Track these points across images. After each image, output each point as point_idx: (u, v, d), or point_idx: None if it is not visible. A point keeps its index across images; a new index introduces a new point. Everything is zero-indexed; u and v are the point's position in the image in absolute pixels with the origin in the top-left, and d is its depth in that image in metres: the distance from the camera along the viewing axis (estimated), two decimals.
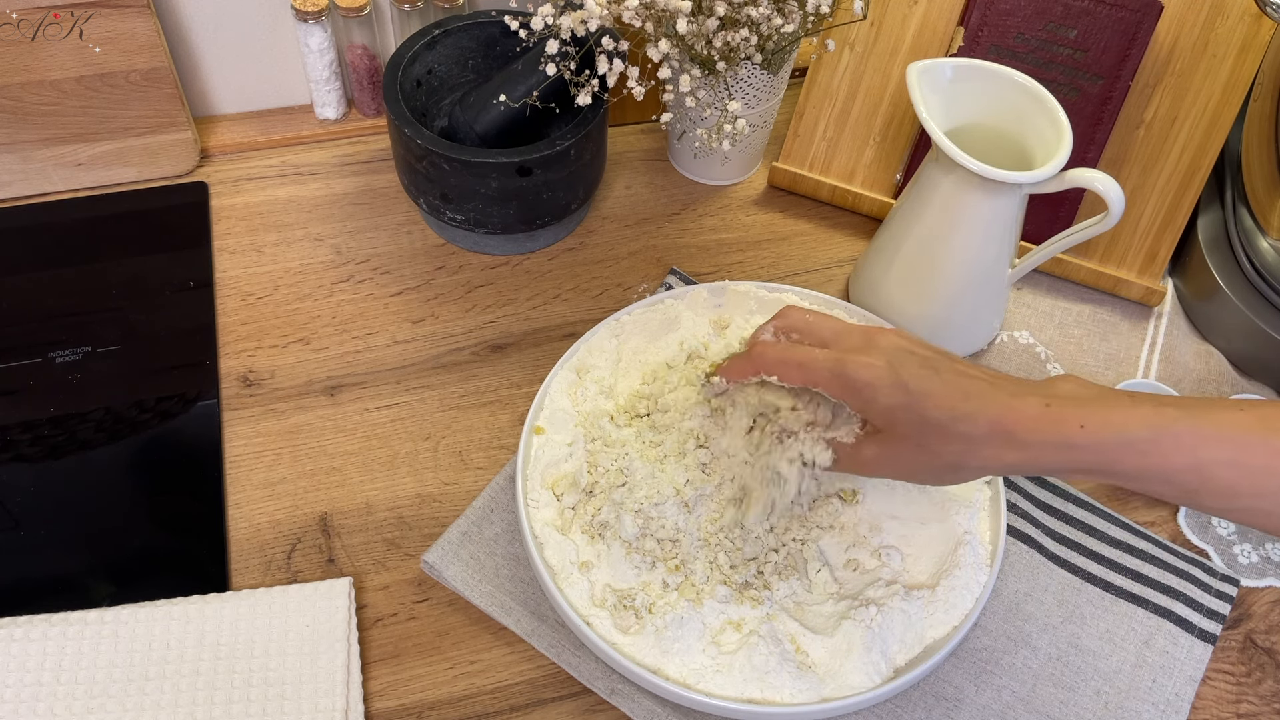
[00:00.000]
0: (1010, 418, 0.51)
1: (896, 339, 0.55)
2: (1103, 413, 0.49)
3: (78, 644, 0.59)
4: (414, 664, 0.61)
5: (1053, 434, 0.50)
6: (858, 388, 0.54)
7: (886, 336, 0.55)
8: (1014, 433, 0.50)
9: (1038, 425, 0.50)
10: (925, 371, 0.53)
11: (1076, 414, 0.50)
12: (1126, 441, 0.48)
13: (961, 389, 0.52)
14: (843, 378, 0.54)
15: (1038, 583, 0.65)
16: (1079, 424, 0.49)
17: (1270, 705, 0.62)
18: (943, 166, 0.67)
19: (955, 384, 0.52)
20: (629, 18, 0.68)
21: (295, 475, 0.68)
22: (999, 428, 0.51)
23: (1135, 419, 0.49)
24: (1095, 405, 0.50)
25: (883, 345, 0.54)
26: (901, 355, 0.54)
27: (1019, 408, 0.51)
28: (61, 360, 0.73)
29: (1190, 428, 0.48)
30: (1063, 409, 0.50)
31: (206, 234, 0.80)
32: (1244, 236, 0.76)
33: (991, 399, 0.51)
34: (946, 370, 0.53)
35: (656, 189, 0.87)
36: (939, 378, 0.53)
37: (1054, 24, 0.76)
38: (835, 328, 0.58)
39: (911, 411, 0.52)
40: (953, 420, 0.51)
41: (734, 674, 0.58)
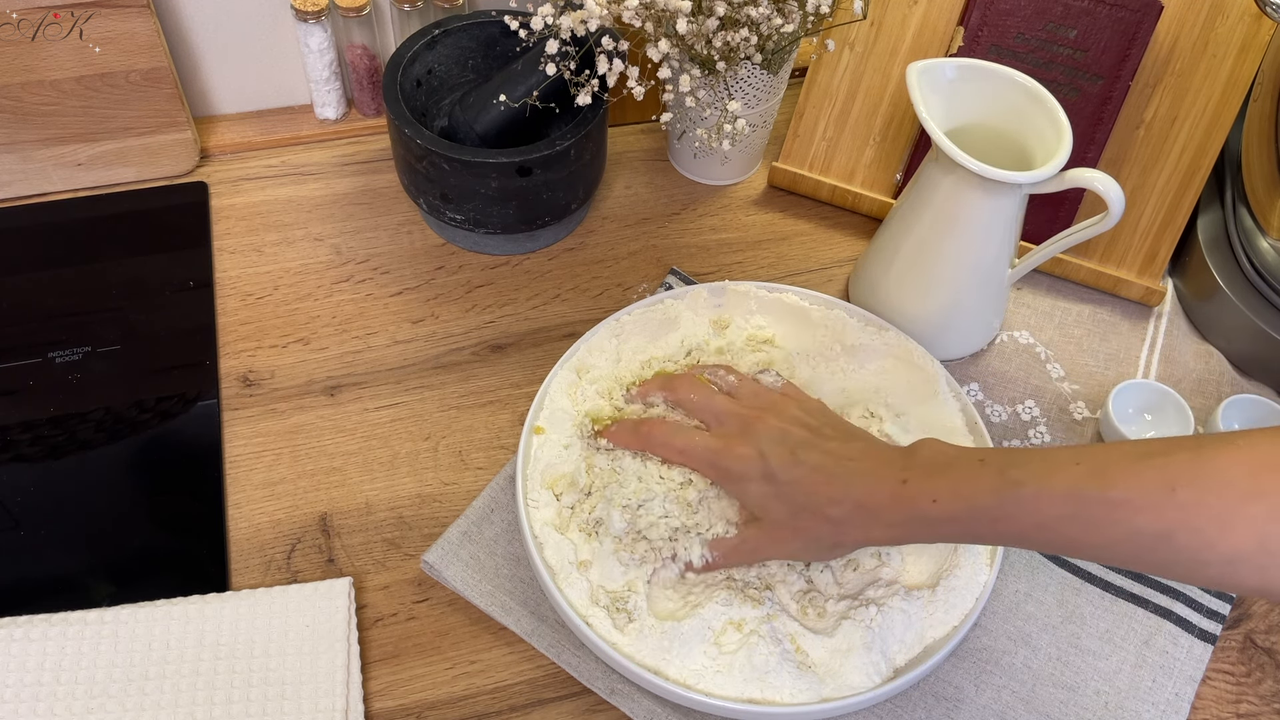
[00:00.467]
0: (870, 500, 0.55)
1: (774, 421, 0.60)
2: (952, 485, 0.52)
3: (78, 644, 0.59)
4: (414, 664, 0.61)
5: (910, 511, 0.53)
6: (732, 478, 0.60)
7: (764, 420, 0.60)
8: (876, 513, 0.55)
9: (895, 504, 0.54)
10: (792, 459, 0.58)
11: (929, 489, 0.53)
12: (976, 511, 0.51)
13: (825, 473, 0.56)
14: (718, 469, 0.60)
15: (1038, 583, 0.65)
16: (931, 499, 0.52)
17: (1270, 705, 0.62)
18: (943, 166, 0.67)
19: (820, 469, 0.57)
20: (629, 18, 0.68)
21: (295, 475, 0.68)
22: (861, 510, 0.55)
23: (982, 488, 0.51)
24: (946, 477, 0.53)
25: (758, 432, 0.60)
26: (774, 444, 0.59)
27: (876, 489, 0.55)
28: (61, 360, 0.73)
29: (1033, 490, 0.50)
30: (917, 485, 0.53)
31: (206, 234, 0.80)
32: (1244, 236, 0.76)
33: (852, 482, 0.56)
34: (814, 453, 0.58)
35: (656, 189, 0.87)
36: (804, 466, 0.57)
37: (1054, 24, 0.76)
38: (720, 410, 0.63)
39: (781, 500, 0.58)
40: (818, 505, 0.56)
41: (734, 674, 0.58)
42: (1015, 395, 0.75)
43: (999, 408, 0.74)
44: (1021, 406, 0.74)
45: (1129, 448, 0.49)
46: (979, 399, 0.75)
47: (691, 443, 0.61)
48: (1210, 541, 0.45)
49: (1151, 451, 0.48)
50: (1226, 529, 0.45)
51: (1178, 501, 0.46)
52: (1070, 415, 0.74)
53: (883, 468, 0.56)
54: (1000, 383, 0.76)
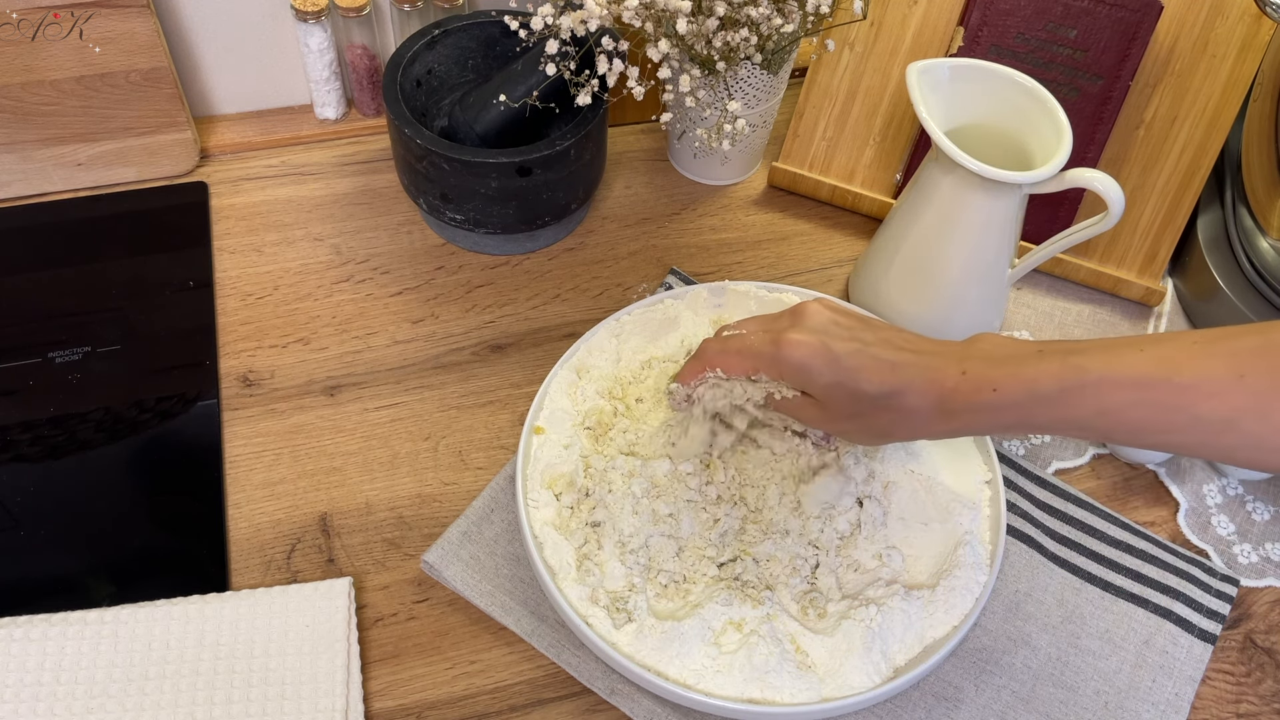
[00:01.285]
0: (933, 389, 0.54)
1: (822, 311, 0.59)
2: (1012, 372, 0.52)
3: (78, 644, 0.59)
4: (414, 664, 0.61)
5: (971, 400, 0.53)
6: (795, 366, 0.57)
7: (812, 310, 0.59)
8: (937, 403, 0.54)
9: (956, 393, 0.53)
10: (854, 345, 0.56)
11: (990, 377, 0.53)
12: (1037, 397, 0.51)
13: (888, 363, 0.55)
14: (779, 359, 0.57)
15: (1038, 583, 0.65)
16: (992, 387, 0.52)
17: (1270, 705, 0.62)
18: (943, 166, 0.67)
19: (884, 358, 0.56)
20: (629, 18, 0.68)
21: (295, 475, 0.68)
22: (925, 399, 0.54)
23: (1044, 375, 0.51)
24: (1007, 365, 0.53)
25: (811, 322, 0.58)
26: (832, 329, 0.57)
27: (939, 379, 0.54)
28: (61, 360, 0.73)
29: (1095, 377, 0.50)
30: (978, 373, 0.53)
31: (206, 234, 0.80)
32: (1244, 236, 0.76)
33: (916, 370, 0.55)
34: (874, 344, 0.56)
35: (656, 189, 0.87)
36: (867, 352, 0.56)
37: (1054, 24, 0.76)
38: (765, 317, 0.61)
39: (845, 388, 0.56)
40: (885, 394, 0.55)
41: (734, 674, 0.58)
42: None
43: None
44: None
45: (1195, 335, 0.49)
46: None
47: (747, 342, 0.59)
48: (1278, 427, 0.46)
49: (1218, 337, 0.48)
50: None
51: (1246, 387, 0.46)
52: None
53: (941, 358, 0.55)
54: None
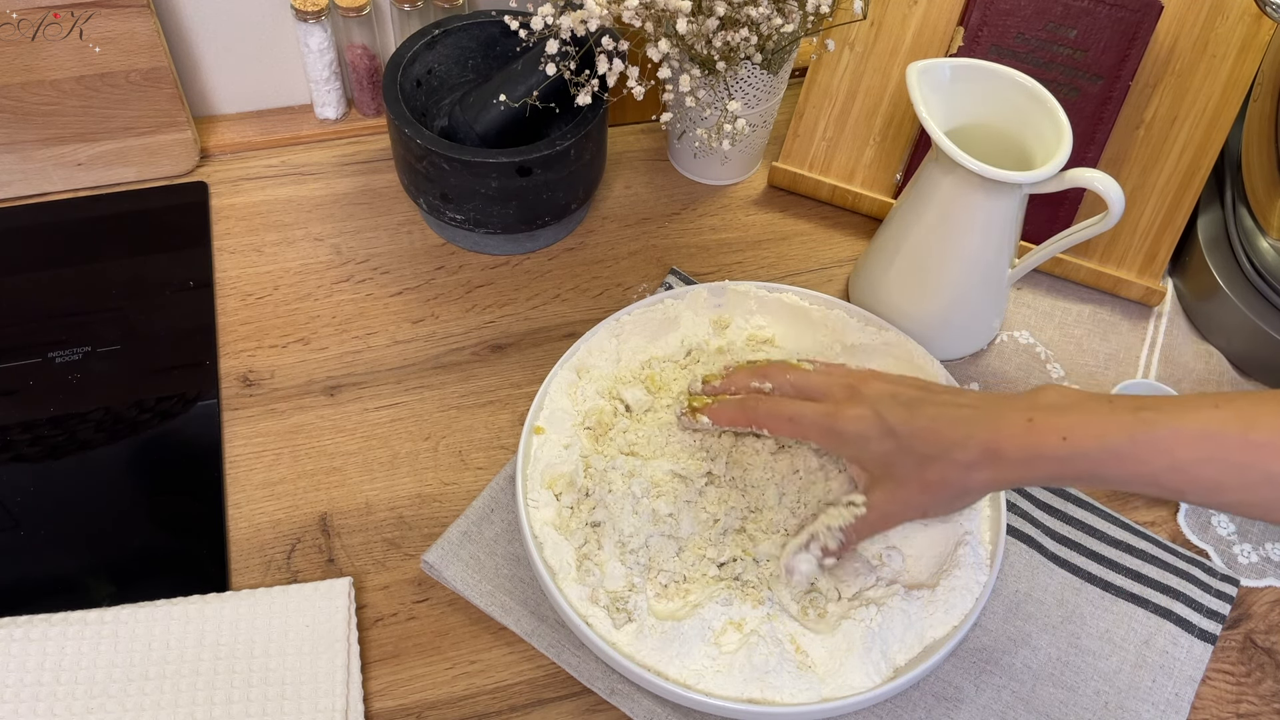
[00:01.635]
0: (997, 439, 0.53)
1: (880, 384, 0.58)
2: (1082, 423, 0.51)
3: (78, 644, 0.59)
4: (414, 664, 0.61)
5: (1038, 449, 0.52)
6: (849, 439, 0.57)
7: (870, 384, 0.59)
8: (1003, 452, 0.53)
9: (1024, 442, 0.52)
10: (909, 413, 0.56)
11: (1058, 426, 0.51)
12: (1108, 449, 0.50)
13: (947, 419, 0.55)
14: (833, 432, 0.58)
15: (1038, 583, 0.65)
16: (1061, 436, 0.51)
17: (1270, 705, 0.62)
18: (943, 166, 0.67)
19: (940, 416, 0.55)
20: (629, 18, 0.68)
21: (295, 475, 0.68)
22: (989, 450, 0.53)
23: (1114, 426, 0.50)
24: (1075, 415, 0.51)
25: (868, 394, 0.58)
26: (885, 401, 0.57)
27: (1004, 428, 0.53)
28: (61, 360, 0.73)
29: (1169, 431, 0.49)
30: (1045, 422, 0.52)
31: (206, 234, 0.80)
32: (1244, 236, 0.76)
33: (977, 423, 0.54)
34: (929, 406, 0.56)
35: (656, 189, 0.87)
36: (924, 415, 0.55)
37: (1054, 24, 0.76)
38: (822, 383, 0.61)
39: (904, 454, 0.56)
40: (944, 451, 0.54)
41: (734, 674, 0.58)
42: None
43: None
44: None
45: (1273, 394, 0.48)
46: None
47: (801, 410, 0.59)
48: None
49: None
50: None
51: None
52: None
53: (1006, 409, 0.54)
54: (1000, 383, 0.76)
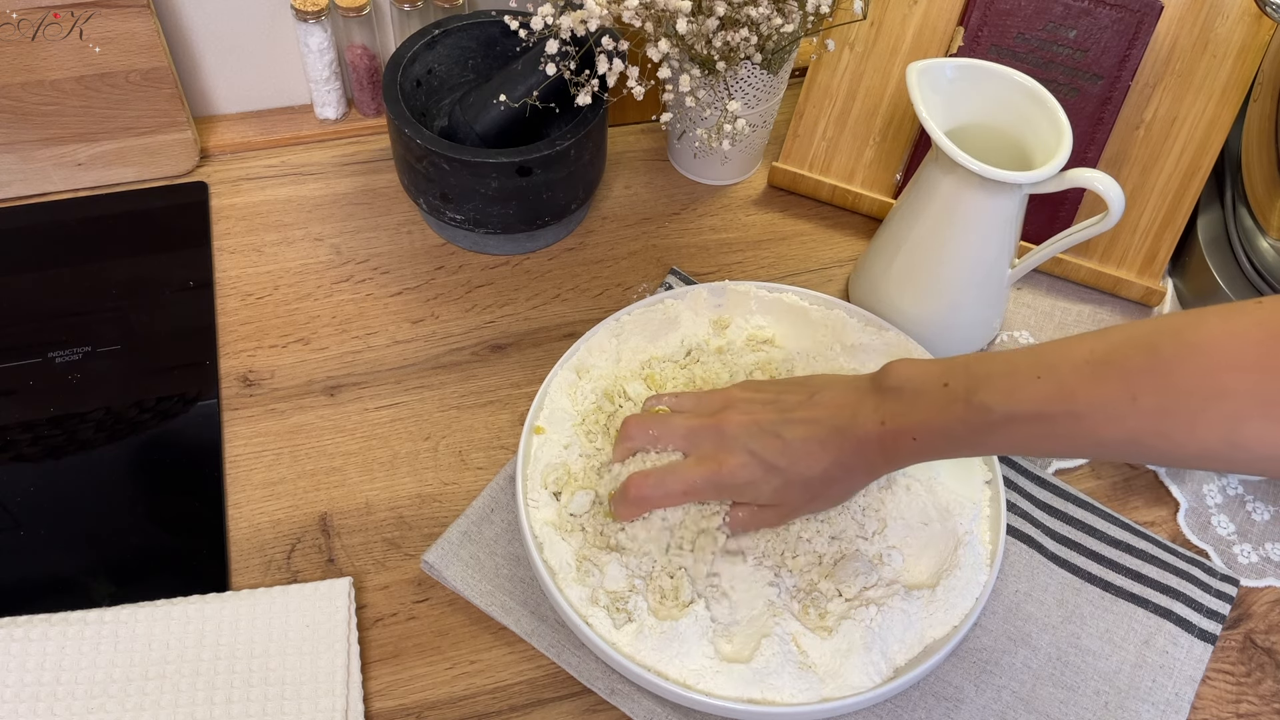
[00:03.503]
0: (864, 449, 0.57)
1: (738, 416, 0.60)
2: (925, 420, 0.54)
3: (78, 644, 0.59)
4: (414, 664, 0.61)
5: (895, 449, 0.56)
6: (740, 490, 0.59)
7: (731, 420, 0.60)
8: (870, 457, 0.57)
9: (883, 447, 0.56)
10: (780, 443, 0.58)
11: (906, 427, 0.55)
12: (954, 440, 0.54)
13: (817, 440, 0.57)
14: (722, 489, 0.60)
15: (1038, 583, 0.65)
16: (911, 437, 0.55)
17: (1270, 705, 0.62)
18: (943, 166, 0.67)
19: (809, 439, 0.58)
20: (629, 18, 0.68)
21: (295, 475, 0.68)
22: (858, 458, 0.57)
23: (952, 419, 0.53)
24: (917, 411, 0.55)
25: (733, 434, 0.59)
26: (754, 437, 0.59)
27: (863, 439, 0.56)
28: (61, 360, 0.73)
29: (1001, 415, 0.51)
30: (895, 424, 0.55)
31: (206, 234, 0.80)
32: (1244, 236, 0.76)
33: (840, 440, 0.57)
34: (792, 426, 0.58)
35: (656, 189, 0.87)
36: (794, 443, 0.58)
37: (1054, 24, 0.76)
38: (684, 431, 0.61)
39: (792, 485, 0.59)
40: (826, 470, 0.58)
41: (734, 674, 0.58)
42: None
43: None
44: None
45: (1084, 352, 0.50)
46: None
47: (686, 479, 0.60)
48: (1178, 443, 0.47)
49: (1109, 359, 0.49)
50: (1192, 432, 0.47)
51: (1141, 409, 0.47)
52: None
53: (859, 414, 0.57)
54: None
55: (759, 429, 0.59)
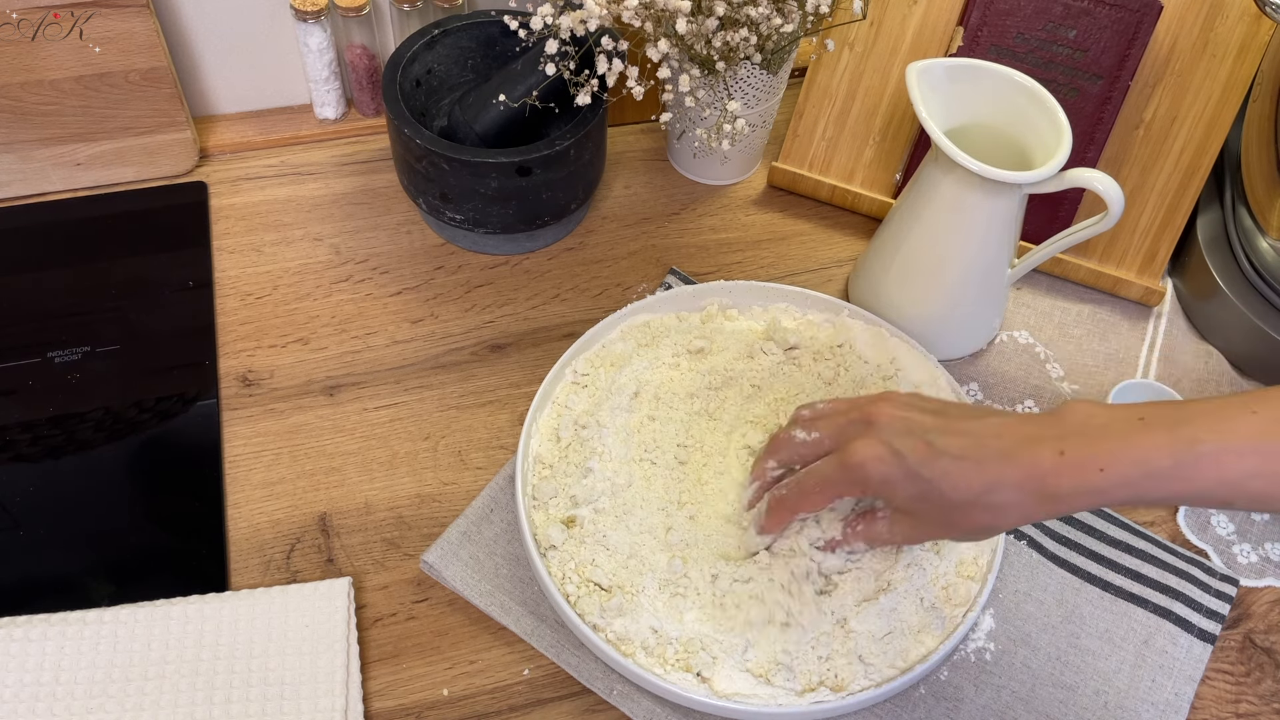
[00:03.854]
0: (1031, 480, 0.50)
1: (890, 409, 0.54)
2: (1119, 450, 0.48)
3: (77, 644, 0.59)
4: (413, 664, 0.61)
5: (1076, 483, 0.49)
6: (873, 484, 0.53)
7: (881, 411, 0.55)
8: (1037, 492, 0.50)
9: (1059, 479, 0.49)
10: (930, 451, 0.52)
11: (1093, 457, 0.49)
12: (1150, 474, 0.48)
13: (973, 460, 0.51)
14: (858, 481, 0.54)
15: (1037, 583, 0.65)
16: (1098, 468, 0.48)
17: (1269, 705, 0.62)
18: (942, 166, 0.67)
19: (964, 456, 0.51)
20: (629, 18, 0.68)
21: (294, 475, 0.68)
22: (1023, 492, 0.50)
23: (1154, 449, 0.48)
24: (1108, 441, 0.49)
25: (879, 426, 0.54)
26: (900, 435, 0.53)
27: (1036, 464, 0.50)
28: (61, 360, 0.72)
29: (1213, 448, 0.47)
30: (1078, 454, 0.49)
31: (206, 234, 0.80)
32: (1243, 236, 0.76)
33: (1006, 462, 0.50)
34: (949, 436, 0.52)
35: (656, 189, 0.87)
36: (946, 456, 0.52)
37: (1053, 24, 0.76)
38: (831, 430, 0.57)
39: (931, 500, 0.52)
40: (976, 496, 0.51)
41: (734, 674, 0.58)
42: (1015, 395, 0.75)
43: (999, 408, 0.74)
44: (1021, 406, 0.74)
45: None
46: (979, 399, 0.75)
47: (822, 474, 0.55)
48: None
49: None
50: None
51: None
52: None
53: (1033, 441, 0.50)
54: (1000, 382, 0.76)
55: (908, 428, 0.53)
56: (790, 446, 0.58)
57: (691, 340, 0.71)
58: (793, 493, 0.57)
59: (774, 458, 0.59)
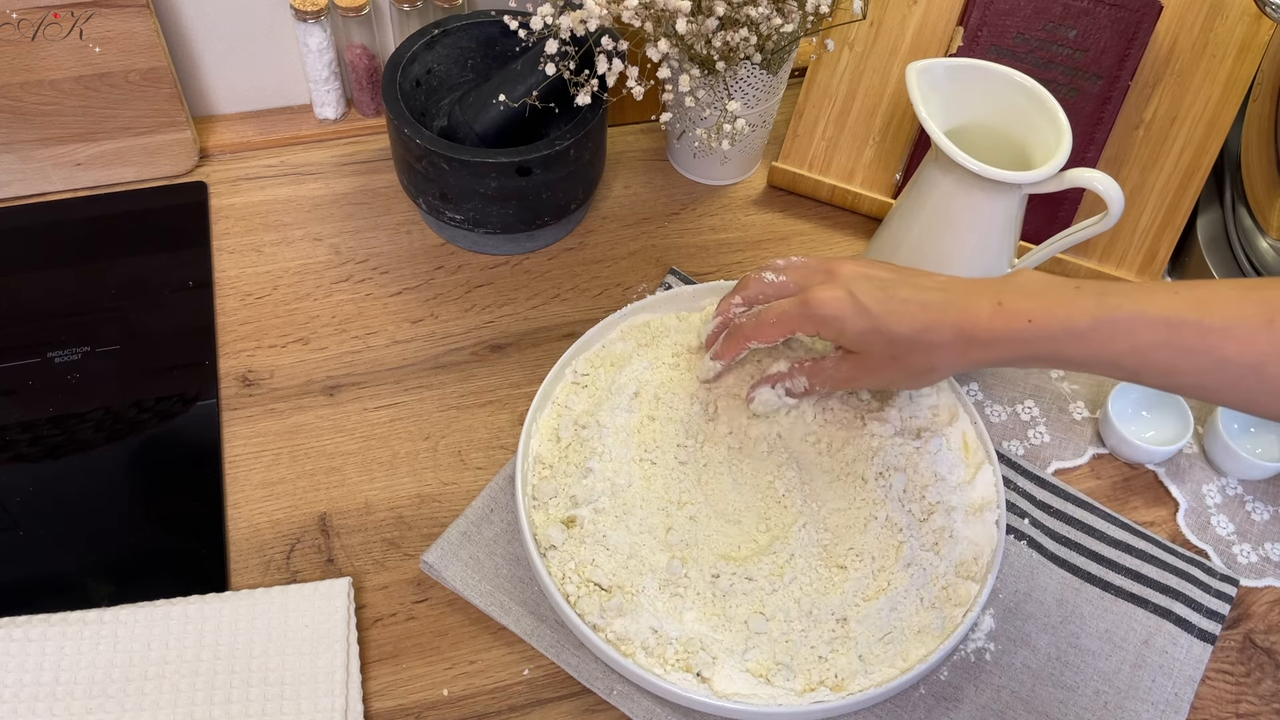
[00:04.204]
0: (967, 322, 0.55)
1: (854, 266, 0.59)
2: (1048, 306, 0.53)
3: (77, 644, 0.59)
4: (413, 664, 0.61)
5: (1005, 330, 0.54)
6: (827, 321, 0.58)
7: (845, 265, 0.60)
8: (973, 334, 0.55)
9: (991, 325, 0.54)
10: (883, 294, 0.57)
11: (1025, 309, 0.54)
12: (1071, 331, 0.52)
13: (920, 302, 0.56)
14: (812, 317, 0.58)
15: (1037, 583, 0.65)
16: (1027, 319, 0.53)
17: (1269, 705, 0.62)
18: (942, 166, 0.67)
19: (914, 299, 0.57)
20: (629, 18, 0.68)
21: (294, 475, 0.68)
22: (959, 332, 0.55)
23: (1078, 310, 0.52)
24: (1042, 299, 0.54)
25: (842, 274, 0.59)
26: (860, 281, 0.58)
27: (974, 311, 0.55)
28: (61, 360, 0.72)
29: (1129, 314, 0.51)
30: (1012, 305, 0.54)
31: (206, 234, 0.80)
32: (1243, 236, 0.76)
33: (949, 306, 0.56)
34: (904, 287, 0.57)
35: (656, 189, 0.87)
36: (897, 299, 0.57)
37: (1053, 24, 0.76)
38: (798, 276, 0.61)
39: (879, 333, 0.57)
40: (917, 333, 0.56)
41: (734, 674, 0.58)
42: (1014, 395, 0.75)
43: (998, 408, 0.74)
44: (1021, 406, 0.74)
45: (1234, 282, 0.50)
46: (978, 399, 0.75)
47: (780, 308, 0.60)
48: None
49: (1255, 285, 0.49)
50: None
51: (1275, 334, 0.47)
52: (1070, 415, 0.74)
53: (976, 293, 0.56)
54: (999, 383, 0.76)
55: (866, 278, 0.58)
56: (758, 285, 0.63)
57: (691, 339, 0.71)
58: (750, 322, 0.61)
59: (740, 294, 0.63)
